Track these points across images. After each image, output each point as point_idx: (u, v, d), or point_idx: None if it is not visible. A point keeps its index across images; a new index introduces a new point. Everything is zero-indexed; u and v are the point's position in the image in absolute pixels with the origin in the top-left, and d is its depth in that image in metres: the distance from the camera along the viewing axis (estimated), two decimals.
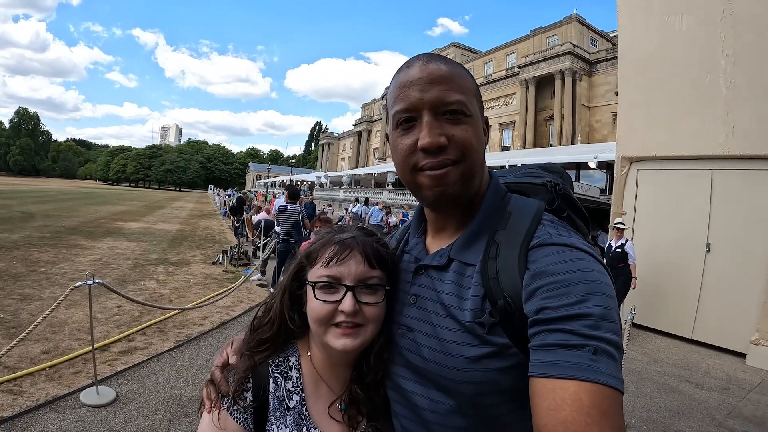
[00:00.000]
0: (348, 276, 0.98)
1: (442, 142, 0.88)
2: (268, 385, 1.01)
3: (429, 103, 0.89)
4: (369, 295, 0.99)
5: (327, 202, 41.14)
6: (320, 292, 0.98)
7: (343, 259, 0.99)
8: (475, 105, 0.94)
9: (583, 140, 36.63)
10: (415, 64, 0.93)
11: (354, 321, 0.96)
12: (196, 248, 14.25)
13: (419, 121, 0.90)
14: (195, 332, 6.04)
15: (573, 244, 0.83)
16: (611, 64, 35.92)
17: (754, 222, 6.66)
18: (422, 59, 0.93)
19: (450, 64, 0.93)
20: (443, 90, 0.89)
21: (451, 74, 0.91)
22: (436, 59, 0.93)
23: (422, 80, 0.90)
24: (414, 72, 0.92)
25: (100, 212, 24.93)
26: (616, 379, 0.67)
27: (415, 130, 0.91)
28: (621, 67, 8.86)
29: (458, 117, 0.90)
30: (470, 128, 0.91)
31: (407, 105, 0.91)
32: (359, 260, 0.99)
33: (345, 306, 0.95)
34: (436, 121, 0.89)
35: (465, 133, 0.89)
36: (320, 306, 0.97)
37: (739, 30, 6.70)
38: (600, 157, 19.89)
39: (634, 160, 8.31)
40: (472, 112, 0.92)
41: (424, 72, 0.90)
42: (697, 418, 4.63)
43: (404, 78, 0.93)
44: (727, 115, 6.82)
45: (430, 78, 0.89)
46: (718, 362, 6.45)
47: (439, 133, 0.88)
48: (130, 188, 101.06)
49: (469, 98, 0.92)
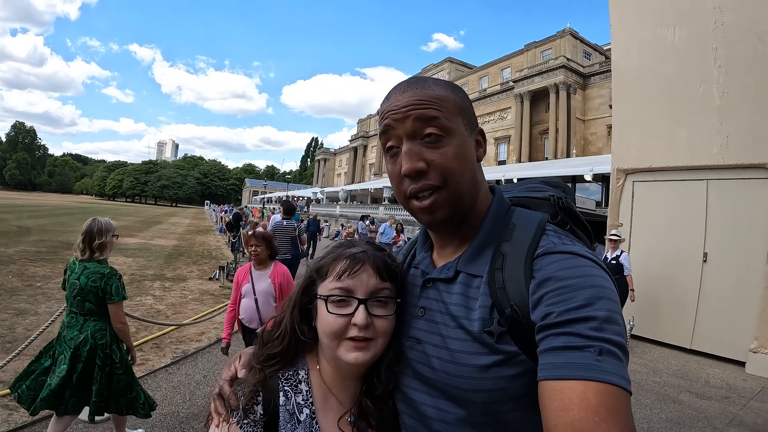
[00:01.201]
0: (360, 289, 0.98)
1: (420, 168, 0.90)
2: (278, 399, 1.01)
3: (405, 130, 0.91)
4: (380, 308, 1.00)
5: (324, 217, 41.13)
6: (332, 305, 0.98)
7: (355, 273, 0.99)
8: (460, 122, 0.94)
9: (579, 153, 36.87)
10: (393, 94, 0.95)
11: (365, 335, 0.97)
12: (193, 264, 14.24)
13: (401, 148, 0.93)
14: (192, 348, 6.01)
15: (577, 251, 0.84)
16: (605, 77, 36.26)
17: (750, 230, 6.68)
18: (399, 88, 0.95)
19: (426, 88, 0.93)
20: (418, 115, 0.90)
21: (427, 97, 0.91)
22: (413, 86, 0.94)
23: (398, 108, 0.92)
24: (391, 102, 0.94)
25: None
26: (623, 378, 0.68)
27: (399, 157, 0.93)
28: (615, 79, 8.94)
29: (438, 139, 0.90)
30: (451, 149, 0.91)
31: (388, 135, 0.95)
32: (371, 273, 1.00)
33: (358, 319, 0.96)
34: (415, 147, 0.91)
35: (444, 156, 0.90)
36: (333, 320, 0.98)
37: (731, 41, 6.80)
38: (595, 169, 20.01)
39: (630, 172, 8.35)
40: (454, 130, 0.92)
41: (401, 100, 0.92)
42: (698, 428, 4.60)
43: (384, 106, 0.96)
44: (721, 125, 6.88)
45: (406, 105, 0.91)
46: (717, 371, 6.43)
47: (418, 158, 0.90)
48: (126, 203, 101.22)
49: (451, 117, 0.92)
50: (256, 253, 4.18)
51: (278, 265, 4.31)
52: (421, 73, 65.48)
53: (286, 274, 4.24)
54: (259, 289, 4.12)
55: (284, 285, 4.15)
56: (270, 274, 4.19)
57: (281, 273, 4.22)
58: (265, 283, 4.14)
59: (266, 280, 4.15)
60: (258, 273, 4.21)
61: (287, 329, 1.05)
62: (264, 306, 4.09)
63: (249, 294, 4.13)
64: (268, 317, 3.30)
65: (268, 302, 4.11)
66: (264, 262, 4.24)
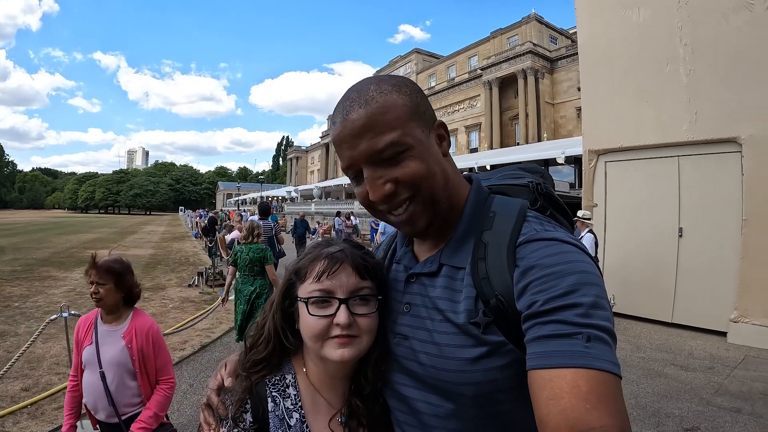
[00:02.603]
0: (340, 289, 0.97)
1: (386, 191, 0.89)
2: (267, 405, 1.00)
3: (362, 158, 0.88)
4: (362, 306, 0.99)
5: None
6: (313, 307, 0.97)
7: (334, 273, 0.98)
8: (414, 126, 0.90)
9: (549, 137, 37.33)
10: (338, 120, 0.91)
11: (349, 333, 0.96)
12: (171, 272, 14.08)
13: (363, 172, 0.91)
14: (176, 357, 5.90)
15: (559, 237, 0.84)
16: (572, 60, 36.75)
17: (722, 203, 6.84)
18: (341, 112, 0.90)
19: (370, 104, 0.87)
20: (369, 139, 0.86)
21: (371, 118, 0.86)
22: (354, 107, 0.88)
23: (348, 137, 0.88)
24: (338, 128, 0.90)
25: (71, 242, 24.63)
26: (612, 363, 0.68)
27: (363, 181, 0.92)
28: (582, 62, 9.04)
29: (397, 156, 0.88)
30: (414, 160, 0.88)
31: (346, 164, 0.92)
32: (350, 272, 0.99)
33: (340, 319, 0.95)
34: (375, 171, 0.89)
35: (408, 170, 0.88)
36: (315, 321, 0.97)
37: (695, 19, 6.92)
38: (567, 152, 20.31)
39: (601, 152, 8.46)
40: (411, 141, 0.88)
41: (347, 128, 0.88)
42: (685, 400, 4.70)
43: (334, 135, 0.92)
44: (689, 102, 7.01)
45: (353, 132, 0.87)
46: (700, 343, 6.58)
47: (383, 182, 0.88)
48: (99, 215, 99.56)
49: (405, 128, 0.88)
50: (99, 296, 2.45)
51: (139, 316, 2.59)
52: (389, 66, 65.39)
53: (151, 332, 2.53)
54: (108, 358, 2.42)
55: (147, 351, 2.49)
56: (124, 332, 2.48)
57: (143, 330, 2.51)
58: (115, 347, 2.44)
59: (118, 342, 2.45)
60: (106, 329, 2.50)
61: (271, 333, 1.04)
62: (116, 387, 2.42)
63: (92, 365, 2.44)
64: (124, 403, 2.43)
65: (122, 380, 2.44)
66: (114, 311, 2.52)
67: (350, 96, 0.91)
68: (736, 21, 6.49)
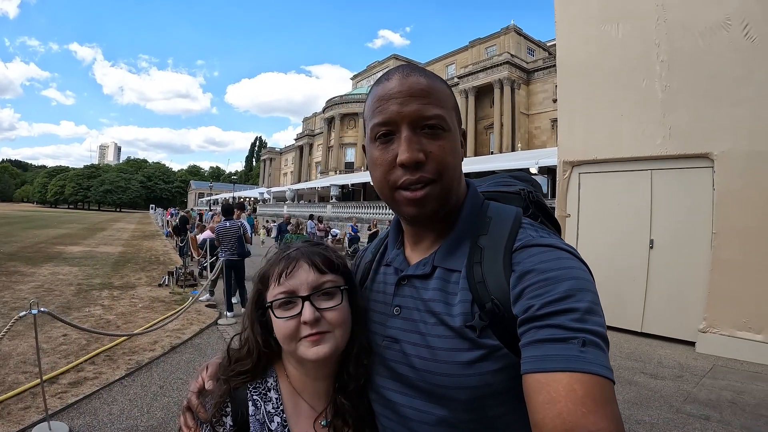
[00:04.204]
0: (300, 287, 0.98)
1: (420, 158, 0.88)
2: (248, 409, 1.00)
3: (408, 117, 0.88)
4: (327, 301, 0.99)
5: (271, 218, 40.60)
6: (279, 310, 0.98)
7: (292, 272, 0.99)
8: (454, 119, 0.94)
9: (523, 147, 37.92)
10: (393, 77, 0.92)
11: (319, 330, 0.96)
12: (141, 270, 13.79)
13: (397, 135, 0.89)
14: (146, 358, 5.78)
15: (555, 244, 0.85)
16: (548, 72, 37.44)
17: (694, 217, 7.00)
18: (401, 71, 0.92)
19: (429, 78, 0.92)
20: (422, 104, 0.88)
21: (430, 88, 0.90)
22: (416, 72, 0.92)
23: (401, 93, 0.89)
24: (393, 84, 0.91)
25: (39, 236, 24.01)
26: (607, 368, 0.69)
27: (393, 144, 0.90)
28: (560, 74, 9.16)
29: (437, 132, 0.89)
30: (448, 143, 0.90)
31: (386, 118, 0.90)
32: (307, 269, 1.00)
33: (305, 316, 0.95)
34: (414, 135, 0.88)
35: (442, 149, 0.89)
36: (283, 323, 0.97)
37: (673, 37, 7.10)
38: (541, 162, 20.62)
39: (576, 164, 8.58)
40: (451, 126, 0.92)
41: (404, 85, 0.89)
42: (655, 407, 4.79)
43: (382, 91, 0.92)
44: (663, 117, 7.18)
45: (410, 91, 0.88)
46: (669, 352, 6.71)
47: (418, 148, 0.88)
48: (69, 210, 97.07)
49: (448, 112, 0.92)
50: None
51: None
52: (366, 71, 65.60)
53: None
54: None
55: None
56: None
57: None
58: None
59: None
60: None
61: (253, 345, 1.05)
62: None
63: None
64: None
65: None
66: None
67: (409, 66, 0.95)
68: (713, 40, 6.68)
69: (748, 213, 6.42)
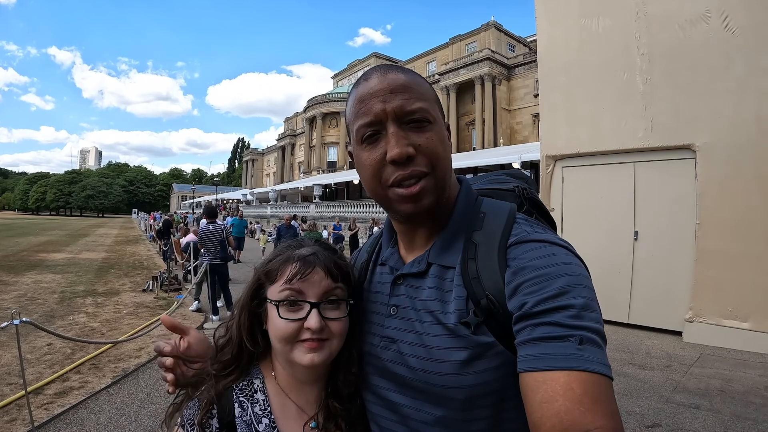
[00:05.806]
0: (312, 292, 0.96)
1: (410, 152, 0.86)
2: (234, 410, 0.99)
3: (392, 113, 0.87)
4: (333, 310, 0.97)
5: (255, 219, 40.40)
6: (284, 310, 0.96)
7: (306, 276, 0.96)
8: (437, 111, 0.93)
9: (506, 142, 38.14)
10: (372, 76, 0.92)
11: (320, 337, 0.94)
12: (125, 276, 13.69)
13: (384, 133, 0.88)
14: (132, 365, 5.71)
15: (550, 239, 0.84)
16: (529, 67, 37.71)
17: (677, 208, 7.09)
18: (379, 70, 0.92)
19: (408, 73, 0.92)
20: (404, 98, 0.87)
21: (410, 82, 0.90)
22: (393, 69, 0.92)
23: (383, 90, 0.88)
24: (373, 83, 0.90)
25: (21, 244, 23.91)
26: (605, 365, 0.69)
27: (381, 142, 0.89)
28: (541, 69, 9.21)
29: (422, 124, 0.88)
30: (435, 135, 0.89)
31: (371, 118, 0.89)
32: (322, 276, 0.97)
33: (311, 323, 0.93)
34: (401, 130, 0.87)
35: (431, 141, 0.88)
36: (285, 324, 0.95)
37: (653, 30, 7.16)
38: (523, 157, 20.69)
39: (558, 158, 8.63)
40: (436, 118, 0.91)
41: (384, 82, 0.89)
42: (645, 397, 4.83)
43: (363, 90, 0.91)
44: (645, 110, 7.25)
45: (390, 87, 0.88)
46: (656, 342, 6.78)
47: (407, 143, 0.87)
48: (50, 217, 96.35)
49: (431, 105, 0.91)
50: None
51: None
52: (347, 69, 65.49)
53: None
54: None
55: None
56: None
57: None
58: None
59: None
60: None
61: (236, 334, 1.03)
62: None
63: None
64: None
65: None
66: None
67: (385, 65, 0.95)
68: (693, 32, 6.75)
69: (731, 203, 6.51)
